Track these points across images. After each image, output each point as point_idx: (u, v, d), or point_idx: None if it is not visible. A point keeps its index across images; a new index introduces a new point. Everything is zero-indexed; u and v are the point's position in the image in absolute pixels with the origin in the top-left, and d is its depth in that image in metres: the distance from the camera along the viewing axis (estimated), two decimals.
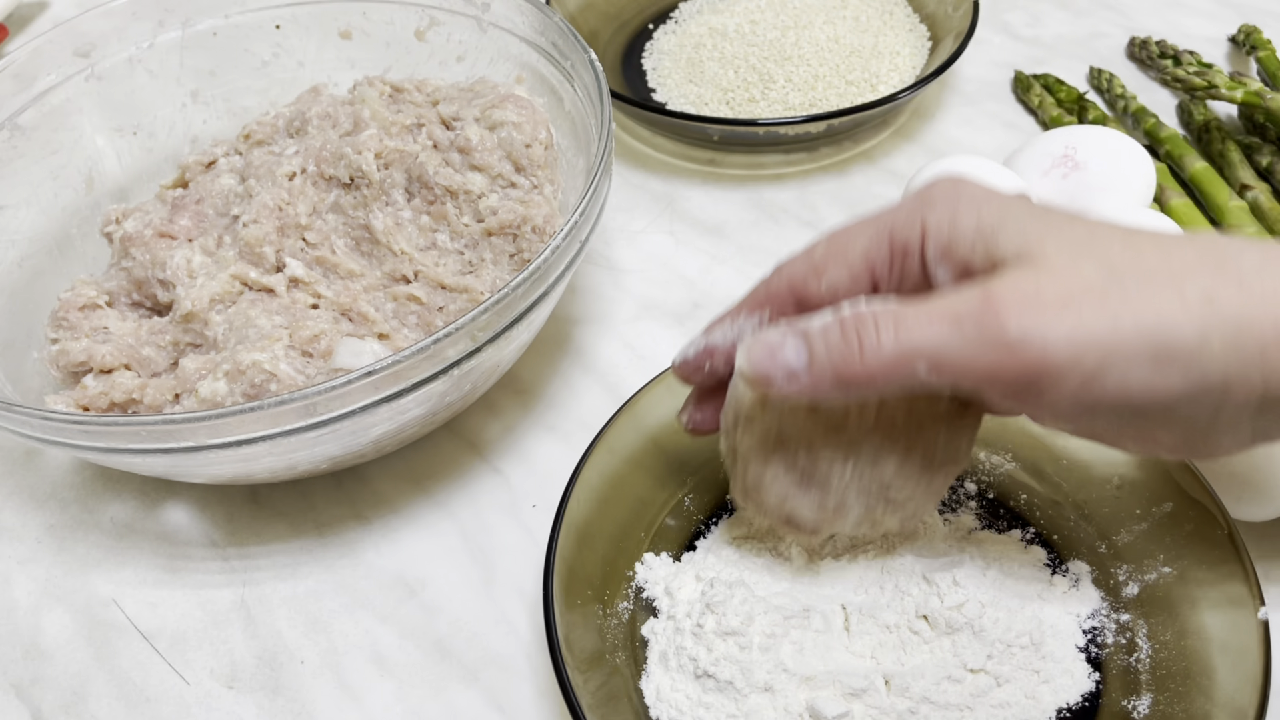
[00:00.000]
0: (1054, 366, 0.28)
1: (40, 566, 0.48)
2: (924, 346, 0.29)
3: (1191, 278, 0.28)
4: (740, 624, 0.37)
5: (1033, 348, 0.28)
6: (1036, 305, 0.28)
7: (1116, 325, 0.28)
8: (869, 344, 0.30)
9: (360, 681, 0.43)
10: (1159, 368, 0.28)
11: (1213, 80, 0.60)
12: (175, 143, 0.61)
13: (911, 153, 0.65)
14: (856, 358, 0.30)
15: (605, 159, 0.46)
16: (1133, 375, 0.28)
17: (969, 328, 0.29)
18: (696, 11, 0.75)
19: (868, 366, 0.30)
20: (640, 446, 0.45)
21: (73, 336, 0.50)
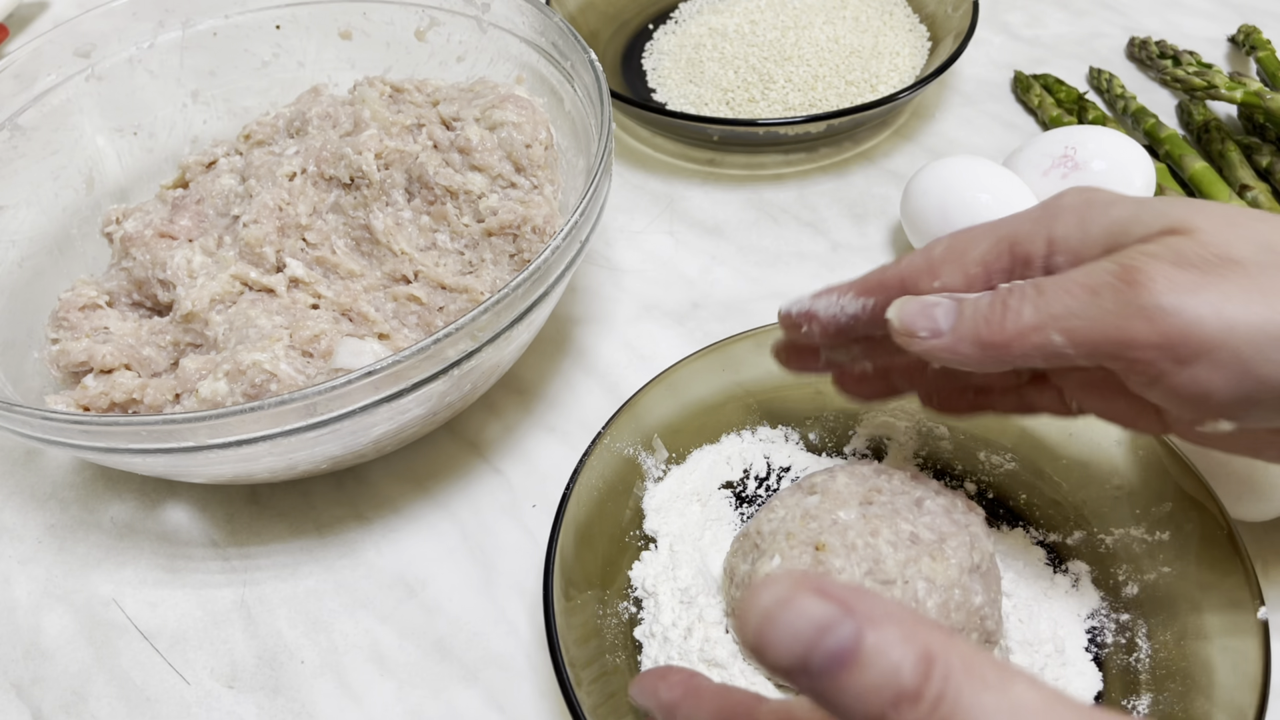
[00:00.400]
0: (1199, 339, 0.26)
1: (40, 566, 0.48)
2: (1060, 314, 0.28)
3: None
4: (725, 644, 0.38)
5: (1172, 315, 0.26)
6: (1179, 271, 0.27)
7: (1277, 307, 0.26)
8: (1012, 311, 0.29)
9: (360, 681, 0.43)
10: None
11: (1212, 80, 0.60)
12: (175, 143, 0.61)
13: (911, 153, 0.65)
14: (999, 322, 0.29)
15: (605, 159, 0.46)
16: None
17: (1106, 296, 0.27)
18: (696, 11, 0.75)
19: (1007, 332, 0.29)
20: (641, 446, 0.45)
21: (73, 336, 0.50)
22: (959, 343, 0.30)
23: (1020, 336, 0.29)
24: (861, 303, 0.34)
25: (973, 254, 0.32)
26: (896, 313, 0.32)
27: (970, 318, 0.30)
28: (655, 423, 0.45)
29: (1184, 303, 0.26)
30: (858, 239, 0.60)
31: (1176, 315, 0.26)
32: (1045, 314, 0.28)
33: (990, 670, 0.21)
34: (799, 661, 0.21)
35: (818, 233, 0.61)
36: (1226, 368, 0.26)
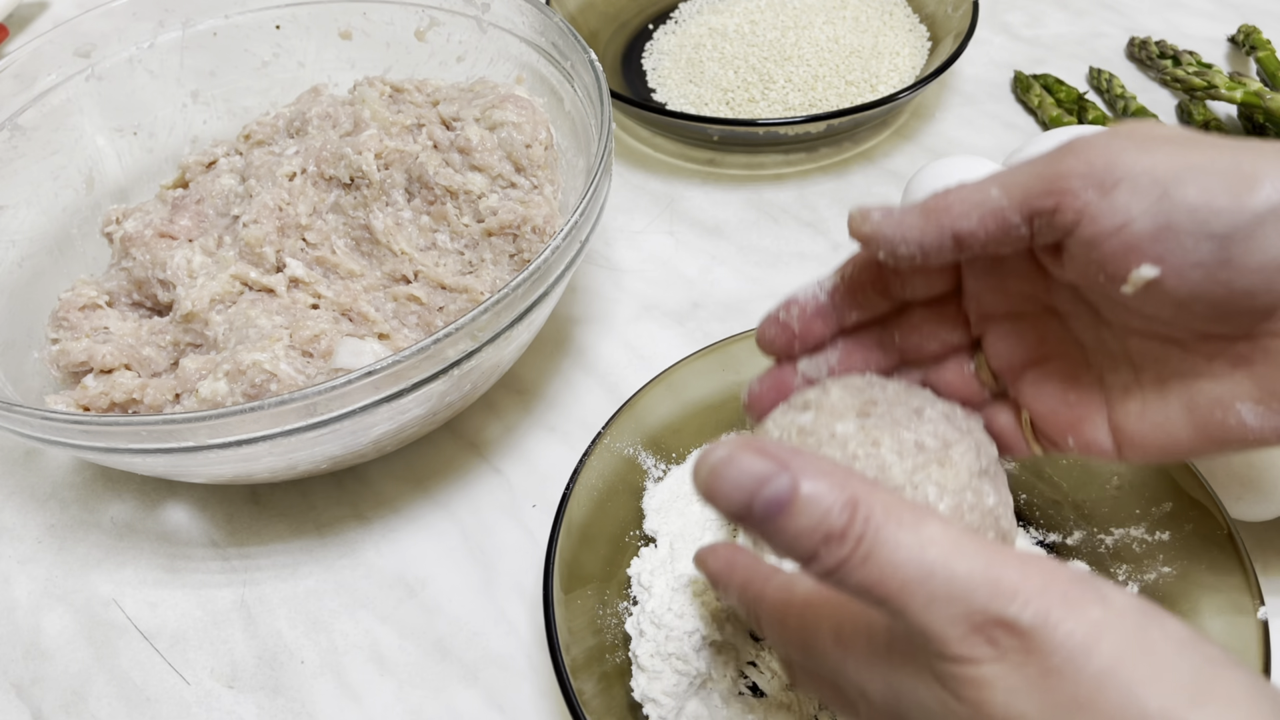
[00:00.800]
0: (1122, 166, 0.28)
1: (40, 566, 0.48)
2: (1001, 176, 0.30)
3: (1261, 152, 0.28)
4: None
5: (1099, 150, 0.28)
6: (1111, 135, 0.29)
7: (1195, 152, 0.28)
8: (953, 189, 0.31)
9: (360, 681, 0.43)
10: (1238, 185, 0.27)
11: (1212, 80, 0.60)
12: (175, 143, 0.61)
13: (911, 153, 0.65)
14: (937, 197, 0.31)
15: (605, 159, 0.46)
16: (1214, 188, 0.27)
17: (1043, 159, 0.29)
18: (696, 11, 0.75)
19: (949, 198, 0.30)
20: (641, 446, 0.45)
21: (73, 336, 0.50)
22: (905, 214, 0.31)
23: (960, 199, 0.30)
24: (837, 275, 0.36)
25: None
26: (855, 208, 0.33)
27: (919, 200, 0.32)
28: (655, 423, 0.45)
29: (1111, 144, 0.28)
30: None
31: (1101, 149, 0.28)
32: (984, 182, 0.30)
33: (908, 513, 0.24)
34: (743, 507, 0.25)
35: (818, 233, 0.61)
36: (1146, 190, 0.28)
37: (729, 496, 0.25)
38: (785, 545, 0.25)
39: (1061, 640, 0.23)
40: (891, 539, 0.24)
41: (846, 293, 0.36)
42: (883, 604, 0.24)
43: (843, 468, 0.25)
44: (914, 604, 0.24)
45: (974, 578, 0.23)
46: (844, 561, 0.24)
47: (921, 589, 0.23)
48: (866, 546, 0.24)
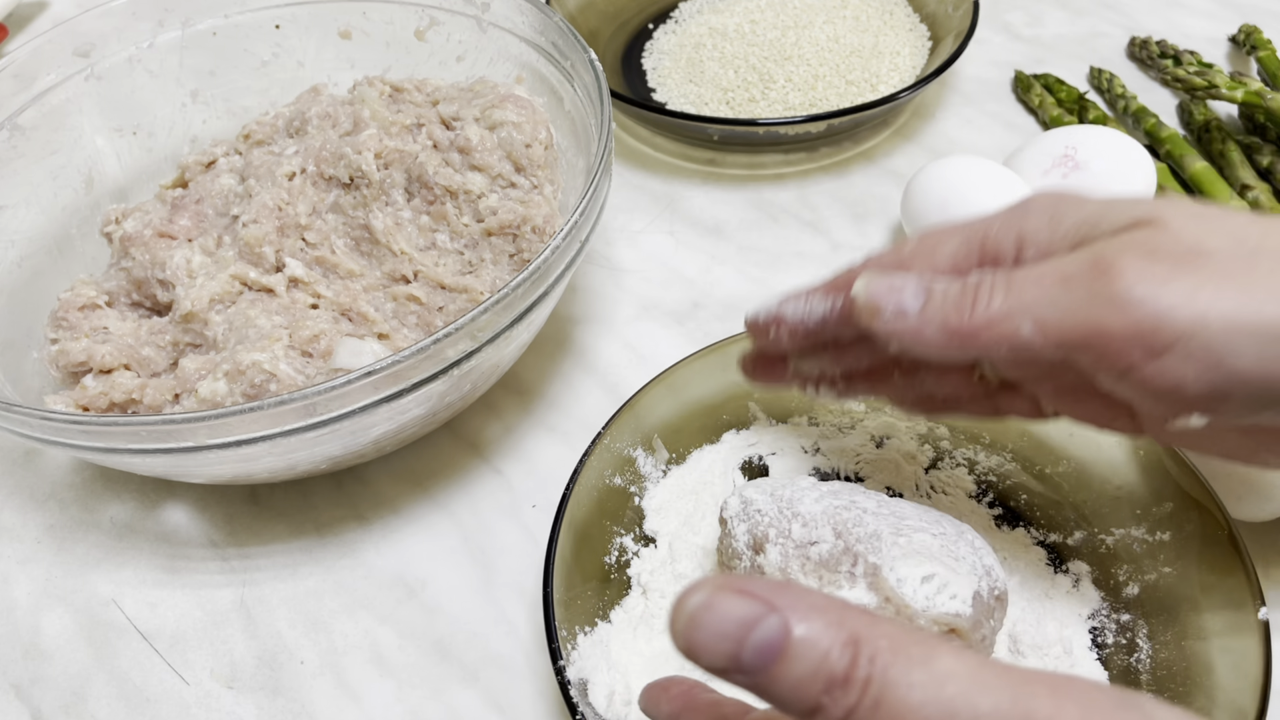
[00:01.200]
0: (1170, 329, 0.25)
1: (40, 566, 0.48)
2: (1030, 304, 0.27)
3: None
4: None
5: (1145, 305, 0.26)
6: (1151, 263, 0.26)
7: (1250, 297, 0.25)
8: (981, 299, 0.28)
9: (360, 681, 0.43)
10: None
11: (1213, 80, 0.60)
12: (175, 143, 0.61)
13: (911, 153, 0.65)
14: (968, 311, 0.28)
15: (605, 159, 0.46)
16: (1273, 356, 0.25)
17: (1077, 286, 0.27)
18: (696, 11, 0.75)
19: (975, 319, 0.28)
20: (641, 446, 0.45)
21: (72, 336, 0.49)
22: (925, 326, 0.29)
23: (989, 325, 0.28)
24: (830, 301, 0.34)
25: (943, 250, 0.32)
26: (864, 286, 0.31)
27: (939, 303, 0.29)
28: (655, 423, 0.45)
29: (1156, 293, 0.26)
30: (858, 239, 0.60)
31: (1149, 305, 0.26)
32: (1015, 302, 0.28)
33: (915, 646, 0.21)
34: (730, 660, 0.22)
35: (818, 233, 0.61)
36: (1198, 359, 0.26)
37: (713, 649, 0.22)
38: (783, 697, 0.22)
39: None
40: (903, 679, 0.21)
41: (839, 322, 0.34)
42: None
43: (837, 601, 0.23)
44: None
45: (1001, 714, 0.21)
46: (852, 710, 0.21)
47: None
48: (876, 690, 0.21)
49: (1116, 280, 0.26)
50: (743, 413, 0.47)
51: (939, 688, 0.21)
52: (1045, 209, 0.30)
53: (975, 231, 0.31)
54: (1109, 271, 0.26)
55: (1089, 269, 0.27)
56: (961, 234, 0.32)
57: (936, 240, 0.32)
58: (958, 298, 0.29)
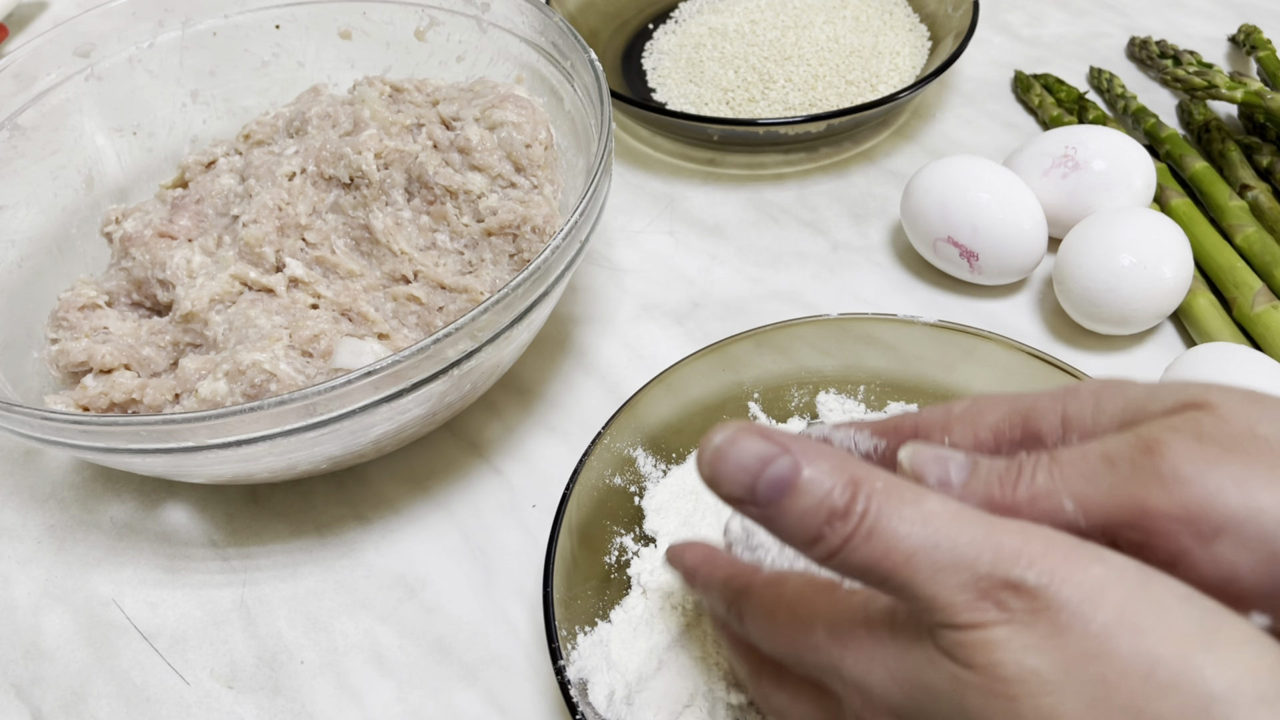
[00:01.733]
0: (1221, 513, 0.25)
1: (40, 566, 0.48)
2: (1074, 480, 0.27)
3: None
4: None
5: (1192, 485, 0.25)
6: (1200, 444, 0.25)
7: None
8: (1025, 475, 0.28)
9: (360, 681, 0.43)
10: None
11: (1213, 80, 0.60)
12: (175, 143, 0.61)
13: (911, 153, 0.65)
14: (1011, 484, 0.28)
15: (605, 159, 0.46)
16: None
17: (1121, 465, 0.26)
18: (696, 11, 0.75)
19: (1018, 495, 0.28)
20: (641, 446, 0.45)
21: (73, 336, 0.49)
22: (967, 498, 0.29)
23: (1031, 501, 0.27)
24: (874, 442, 0.33)
25: (988, 419, 0.31)
26: (909, 455, 0.31)
27: (984, 477, 0.29)
28: (655, 423, 0.45)
29: (1205, 473, 0.25)
30: (858, 239, 0.60)
31: (1197, 485, 0.25)
32: (1059, 480, 0.27)
33: (907, 490, 0.25)
34: (746, 490, 0.25)
35: (818, 233, 0.61)
36: (1253, 548, 0.25)
37: (732, 479, 0.25)
38: (789, 527, 0.25)
39: (1068, 596, 0.23)
40: (894, 513, 0.24)
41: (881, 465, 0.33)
42: (887, 580, 0.24)
43: (840, 453, 0.26)
44: (920, 575, 0.24)
45: (978, 544, 0.24)
46: (848, 539, 0.24)
47: (927, 559, 0.24)
48: (870, 522, 0.24)
49: (1163, 459, 0.25)
50: (743, 413, 0.47)
51: (924, 522, 0.24)
52: (1092, 392, 0.30)
53: (1022, 405, 0.31)
54: (1155, 450, 0.26)
55: (1134, 448, 0.26)
56: (1008, 404, 0.31)
57: (985, 406, 0.32)
58: (1002, 472, 0.28)
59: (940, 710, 0.24)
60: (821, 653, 0.27)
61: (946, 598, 0.24)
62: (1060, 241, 0.53)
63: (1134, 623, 0.23)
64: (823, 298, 0.57)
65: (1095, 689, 0.22)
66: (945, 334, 0.46)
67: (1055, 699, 0.22)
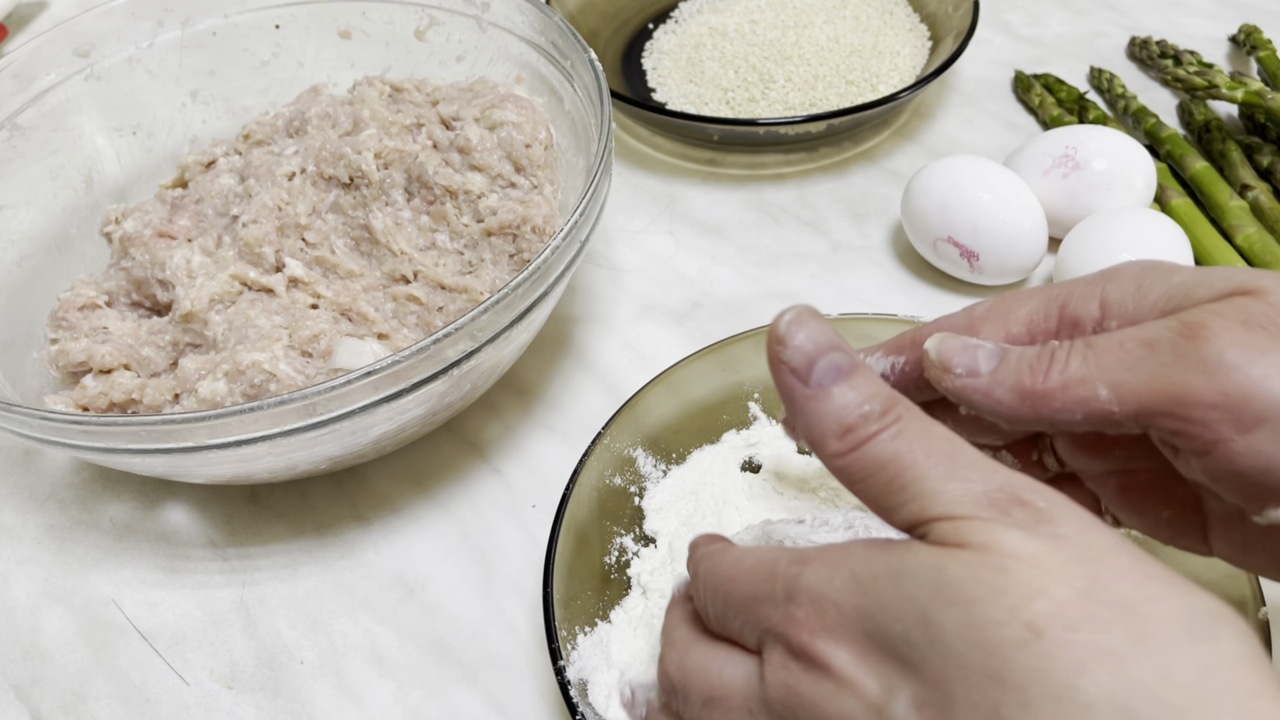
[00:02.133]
0: (1264, 400, 0.24)
1: (40, 566, 0.48)
2: (1111, 366, 0.26)
3: None
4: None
5: (1237, 372, 0.24)
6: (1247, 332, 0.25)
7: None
8: (1058, 362, 0.27)
9: (360, 681, 0.43)
10: None
11: (1213, 80, 0.60)
12: (175, 143, 0.61)
13: (911, 153, 0.65)
14: (1044, 371, 0.27)
15: (605, 159, 0.46)
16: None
17: (1163, 351, 0.25)
18: (696, 11, 0.75)
19: (1050, 381, 0.27)
20: (641, 446, 0.45)
21: (72, 336, 0.49)
22: (996, 386, 0.28)
23: (1064, 388, 0.27)
24: (890, 361, 0.33)
25: (1018, 312, 0.30)
26: (935, 345, 0.30)
27: (1014, 364, 0.28)
28: (655, 423, 0.45)
29: (1250, 360, 0.24)
30: (858, 239, 0.60)
31: (1242, 372, 0.24)
32: (1095, 366, 0.27)
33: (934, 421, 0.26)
34: (807, 361, 0.26)
35: (818, 233, 0.60)
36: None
37: (800, 347, 0.26)
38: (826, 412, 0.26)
39: (1072, 519, 0.23)
40: (924, 427, 0.25)
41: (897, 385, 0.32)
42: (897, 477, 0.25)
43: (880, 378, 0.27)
44: (934, 473, 0.24)
45: (992, 470, 0.24)
46: (876, 434, 0.25)
47: (945, 463, 0.24)
48: (900, 426, 0.25)
49: (1207, 344, 0.25)
50: (743, 413, 0.47)
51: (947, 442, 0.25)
52: (1133, 275, 0.29)
53: (1055, 295, 0.30)
54: (1199, 334, 0.25)
55: (1177, 333, 0.26)
56: (1040, 296, 0.30)
57: (1013, 301, 0.31)
58: (1034, 359, 0.28)
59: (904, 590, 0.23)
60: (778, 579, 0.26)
61: (953, 495, 0.24)
62: (1060, 241, 0.53)
63: (1130, 551, 0.23)
64: (823, 298, 0.56)
65: (1087, 581, 0.22)
66: None
67: (1047, 579, 0.22)
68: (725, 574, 0.28)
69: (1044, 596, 0.21)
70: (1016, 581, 0.22)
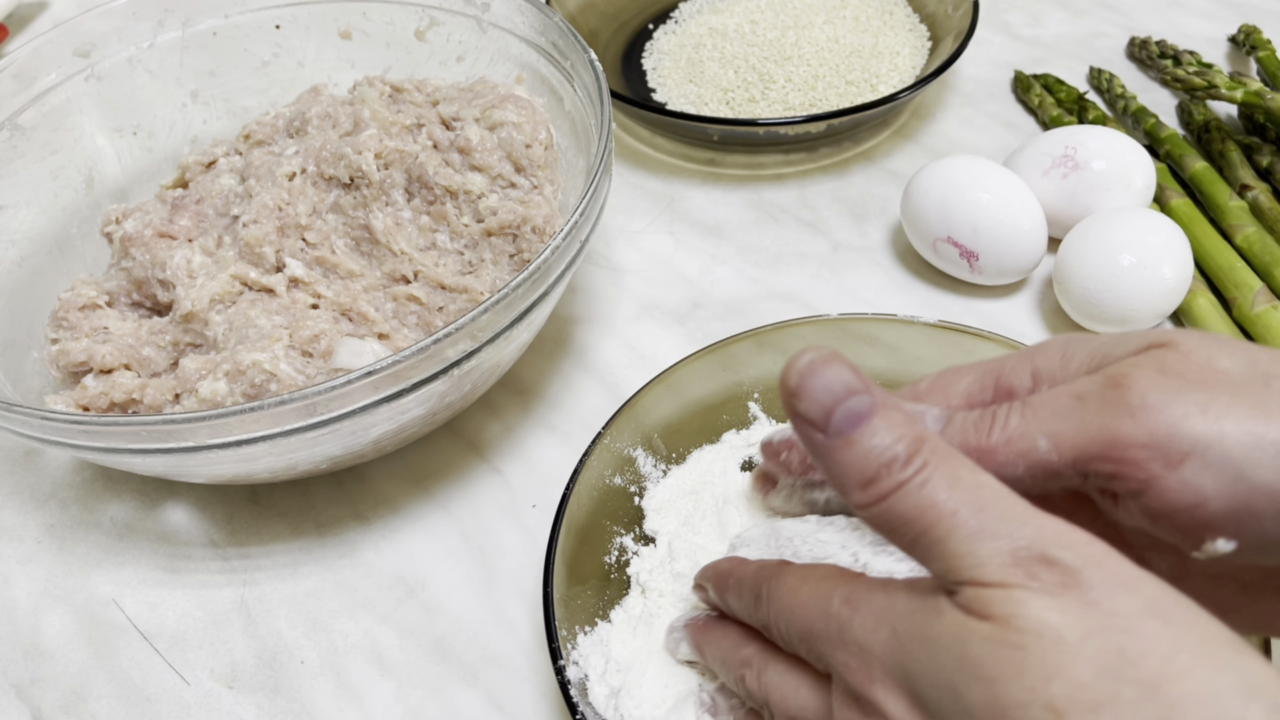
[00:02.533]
0: (1187, 436, 0.26)
1: (40, 566, 0.48)
2: (1046, 419, 0.28)
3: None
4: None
5: (1160, 412, 0.26)
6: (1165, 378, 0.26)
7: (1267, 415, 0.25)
8: (999, 420, 0.29)
9: (360, 681, 0.43)
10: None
11: (1213, 80, 0.60)
12: (175, 143, 0.61)
13: (911, 153, 0.65)
14: (986, 429, 0.29)
15: (605, 159, 0.46)
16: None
17: (1092, 401, 0.27)
18: (696, 11, 0.75)
19: (993, 438, 0.29)
20: (641, 446, 0.45)
21: (73, 336, 0.49)
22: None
23: (1006, 443, 0.29)
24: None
25: (957, 387, 0.32)
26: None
27: (959, 424, 0.30)
28: (655, 423, 0.45)
29: (1170, 401, 0.26)
30: (858, 239, 0.60)
31: (1163, 412, 0.26)
32: (1032, 420, 0.29)
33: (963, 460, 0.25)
34: (824, 412, 0.25)
35: (818, 233, 0.61)
36: (1218, 469, 0.26)
37: (815, 398, 0.25)
38: (848, 461, 0.25)
39: (1102, 579, 0.23)
40: (952, 471, 0.25)
41: None
42: (924, 534, 0.24)
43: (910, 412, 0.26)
44: (958, 533, 0.24)
45: (1022, 519, 0.24)
46: (902, 484, 0.25)
47: (969, 520, 0.24)
48: (926, 474, 0.25)
49: (1130, 390, 0.27)
50: (743, 413, 0.47)
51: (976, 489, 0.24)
52: (1059, 346, 0.31)
53: (990, 369, 0.32)
54: (1122, 383, 0.27)
55: (1102, 385, 0.27)
56: (977, 370, 0.32)
57: (952, 376, 0.33)
58: (977, 419, 0.30)
59: (935, 661, 0.24)
60: (832, 619, 0.27)
61: (979, 557, 0.23)
62: (1060, 241, 0.53)
63: (1163, 613, 0.22)
64: (823, 298, 0.57)
65: (1111, 658, 0.22)
66: (945, 334, 0.46)
67: (1066, 658, 0.22)
68: (786, 602, 0.30)
69: (1063, 677, 0.22)
70: (1036, 660, 0.22)
